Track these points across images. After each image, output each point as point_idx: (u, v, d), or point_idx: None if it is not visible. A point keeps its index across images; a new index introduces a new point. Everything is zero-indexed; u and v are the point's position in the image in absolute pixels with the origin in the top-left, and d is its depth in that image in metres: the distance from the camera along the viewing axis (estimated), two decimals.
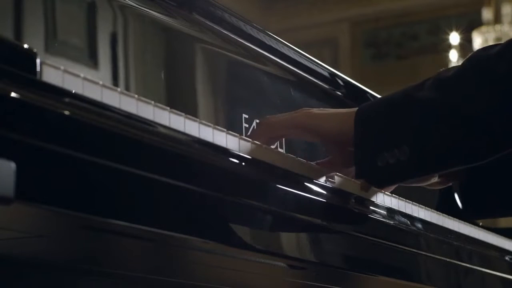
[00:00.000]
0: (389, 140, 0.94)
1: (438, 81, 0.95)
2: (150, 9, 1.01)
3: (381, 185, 1.02)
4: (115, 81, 0.94)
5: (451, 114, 0.92)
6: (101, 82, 0.67)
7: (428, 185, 1.12)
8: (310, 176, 0.92)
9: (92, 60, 0.92)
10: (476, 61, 0.94)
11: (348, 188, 0.99)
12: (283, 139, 1.15)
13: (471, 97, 0.92)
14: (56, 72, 0.63)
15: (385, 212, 1.04)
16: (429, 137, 0.93)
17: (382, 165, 0.94)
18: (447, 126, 0.92)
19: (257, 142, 0.88)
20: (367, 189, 1.02)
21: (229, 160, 0.79)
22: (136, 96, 0.71)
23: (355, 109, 0.99)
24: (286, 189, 0.84)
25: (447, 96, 0.93)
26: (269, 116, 1.04)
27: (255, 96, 1.19)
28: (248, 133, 1.12)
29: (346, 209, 0.95)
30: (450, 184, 1.17)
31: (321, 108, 1.03)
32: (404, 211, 1.10)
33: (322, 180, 0.95)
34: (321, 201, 0.89)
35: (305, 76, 1.34)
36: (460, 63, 0.97)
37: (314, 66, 1.36)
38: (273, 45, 1.26)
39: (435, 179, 1.11)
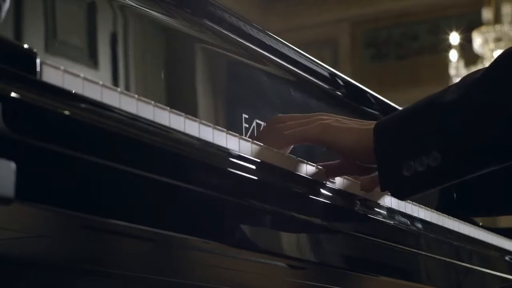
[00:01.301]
0: (415, 148, 0.92)
1: (465, 82, 0.93)
2: (150, 9, 1.01)
3: (408, 195, 0.99)
4: (115, 81, 0.93)
5: (482, 112, 0.89)
6: (101, 82, 0.67)
7: None
8: (309, 177, 0.92)
9: (92, 60, 0.92)
10: (505, 58, 0.92)
11: (348, 189, 0.99)
12: None
13: (503, 94, 0.89)
14: (56, 72, 0.63)
15: (385, 212, 1.04)
16: (461, 139, 0.90)
17: (408, 174, 0.91)
18: (480, 125, 0.89)
19: (257, 142, 0.88)
20: (368, 190, 1.01)
21: (229, 160, 0.78)
22: (136, 96, 0.71)
23: (373, 122, 0.97)
24: (286, 189, 0.84)
25: (477, 95, 0.90)
26: (278, 119, 1.02)
27: (255, 96, 1.19)
28: (256, 135, 1.12)
29: (346, 209, 0.95)
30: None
31: (337, 118, 1.00)
32: (404, 211, 1.10)
33: (321, 180, 0.94)
34: (321, 201, 0.89)
35: (305, 76, 1.34)
36: (460, 63, 0.97)
37: (314, 66, 1.36)
38: (273, 45, 1.26)
39: None
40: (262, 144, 0.88)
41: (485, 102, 0.90)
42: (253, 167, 0.81)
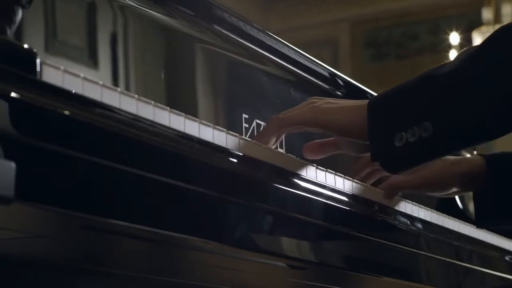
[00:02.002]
0: (407, 119, 0.91)
1: (461, 56, 0.92)
2: (150, 9, 1.01)
3: (398, 168, 0.97)
4: (115, 81, 0.93)
5: (475, 86, 0.89)
6: (101, 82, 0.67)
7: (445, 194, 1.10)
8: (309, 177, 0.92)
9: (92, 60, 0.92)
10: (500, 33, 0.91)
11: (348, 189, 0.99)
12: (283, 139, 1.15)
13: (496, 69, 0.89)
14: (56, 72, 0.63)
15: (385, 212, 1.04)
16: (454, 110, 0.89)
17: (400, 145, 0.91)
18: (472, 99, 0.89)
19: (257, 142, 0.88)
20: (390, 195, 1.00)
21: (229, 160, 0.79)
22: (136, 96, 0.71)
23: (366, 100, 0.97)
24: (285, 189, 0.84)
25: (472, 66, 0.90)
26: (277, 115, 1.04)
27: (255, 96, 1.19)
28: (256, 134, 1.12)
29: (346, 210, 0.95)
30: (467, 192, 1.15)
31: (329, 100, 1.00)
32: (404, 211, 1.10)
33: (321, 181, 0.94)
34: (320, 201, 0.89)
35: (305, 76, 1.34)
36: None
37: (314, 66, 1.36)
38: (273, 45, 1.26)
39: (454, 189, 1.09)
40: (262, 144, 0.88)
41: (478, 76, 0.90)
42: (253, 167, 0.81)
